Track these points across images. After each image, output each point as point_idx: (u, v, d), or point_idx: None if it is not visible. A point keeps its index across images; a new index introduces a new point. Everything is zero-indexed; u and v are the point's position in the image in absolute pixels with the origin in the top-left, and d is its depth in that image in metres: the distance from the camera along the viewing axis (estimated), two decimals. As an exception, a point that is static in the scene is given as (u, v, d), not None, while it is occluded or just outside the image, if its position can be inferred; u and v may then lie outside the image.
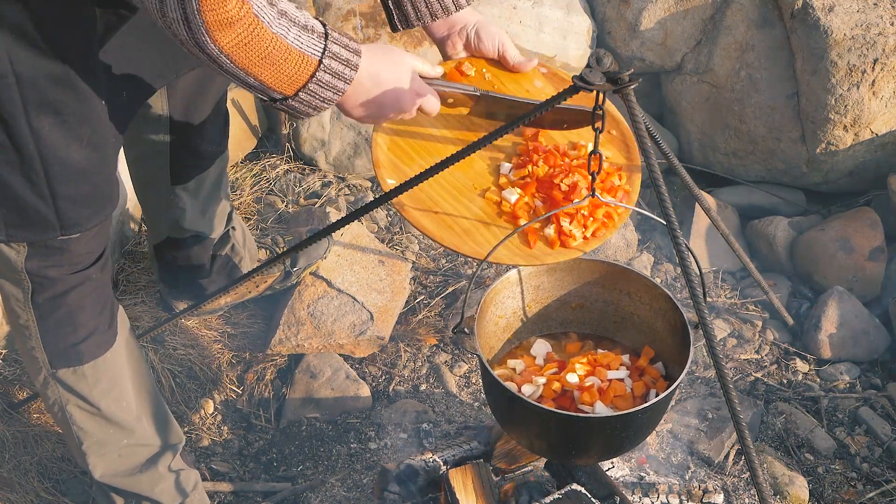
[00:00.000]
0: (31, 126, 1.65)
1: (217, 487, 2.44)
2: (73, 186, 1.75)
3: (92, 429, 2.06)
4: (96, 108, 1.73)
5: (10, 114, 1.62)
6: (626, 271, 2.25)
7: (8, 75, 1.59)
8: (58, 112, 1.66)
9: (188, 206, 2.45)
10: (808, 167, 3.30)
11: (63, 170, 1.72)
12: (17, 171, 1.69)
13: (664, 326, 2.19)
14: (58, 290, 1.91)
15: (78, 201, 1.77)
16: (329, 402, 2.64)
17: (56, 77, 1.63)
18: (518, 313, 2.29)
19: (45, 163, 1.69)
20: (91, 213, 1.81)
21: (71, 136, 1.70)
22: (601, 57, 1.76)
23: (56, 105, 1.66)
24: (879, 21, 3.06)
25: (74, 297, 1.93)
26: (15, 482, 2.36)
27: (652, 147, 1.79)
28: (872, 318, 2.95)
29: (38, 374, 2.02)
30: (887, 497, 2.53)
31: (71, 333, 1.97)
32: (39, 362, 1.99)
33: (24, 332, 1.97)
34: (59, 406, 2.04)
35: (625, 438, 1.99)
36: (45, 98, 1.64)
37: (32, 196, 1.72)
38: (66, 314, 1.95)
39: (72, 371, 1.99)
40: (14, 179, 1.69)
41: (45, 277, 1.88)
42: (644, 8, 3.43)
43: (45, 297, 1.91)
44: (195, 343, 2.72)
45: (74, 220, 1.79)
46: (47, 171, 1.70)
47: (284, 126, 3.26)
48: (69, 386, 2.01)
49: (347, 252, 2.87)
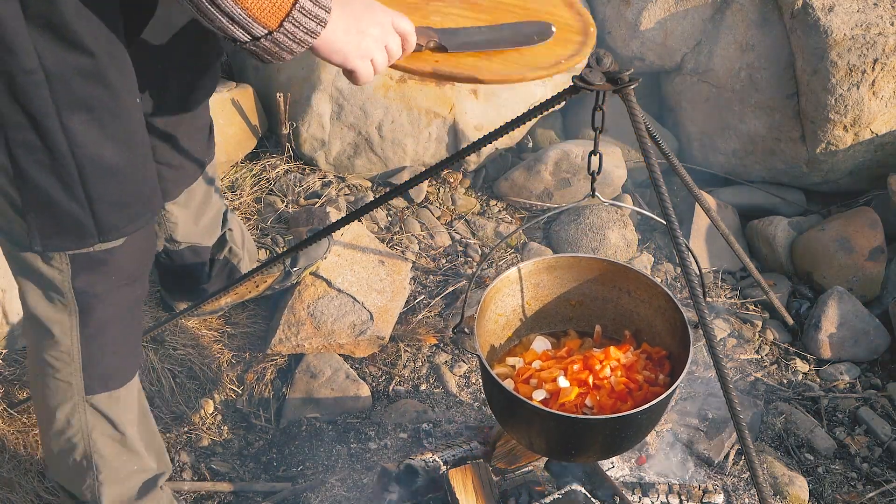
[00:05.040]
0: (63, 124, 1.57)
1: (217, 487, 2.44)
2: (109, 188, 1.67)
3: (112, 456, 2.00)
4: (128, 104, 1.66)
5: (41, 112, 1.55)
6: (625, 269, 2.25)
7: (37, 71, 1.52)
8: (90, 109, 1.59)
9: (180, 219, 2.40)
10: (808, 167, 3.30)
11: (98, 170, 1.64)
12: (49, 173, 1.61)
13: (663, 325, 2.19)
14: (107, 310, 1.83)
15: (115, 204, 1.69)
16: (329, 402, 2.64)
17: (86, 71, 1.56)
18: (518, 311, 2.29)
19: (79, 163, 1.61)
20: (129, 217, 1.73)
21: (104, 134, 1.62)
22: (601, 57, 1.76)
23: (88, 101, 1.58)
24: (879, 21, 3.06)
25: (120, 316, 1.86)
26: (15, 482, 2.36)
27: (652, 147, 1.79)
28: (872, 318, 2.95)
29: (66, 403, 1.91)
30: (887, 497, 2.53)
31: (112, 355, 1.90)
32: (72, 389, 1.89)
33: (60, 362, 1.86)
34: (82, 435, 1.95)
35: (624, 438, 1.99)
36: (77, 94, 1.57)
37: (67, 199, 1.64)
38: (111, 336, 1.87)
39: (108, 395, 1.92)
40: (47, 182, 1.62)
41: (94, 296, 1.80)
42: (644, 8, 3.43)
43: (92, 318, 1.82)
44: (195, 343, 2.72)
45: (112, 225, 1.70)
46: (81, 172, 1.62)
47: (284, 126, 3.26)
48: (102, 411, 1.93)
49: (347, 252, 2.87)
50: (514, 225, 3.26)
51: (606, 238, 3.13)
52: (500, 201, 3.36)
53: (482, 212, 3.33)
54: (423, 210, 3.27)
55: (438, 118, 3.30)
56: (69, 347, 1.85)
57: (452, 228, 3.23)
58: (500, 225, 3.26)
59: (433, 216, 3.26)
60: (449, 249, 3.16)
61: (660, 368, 2.16)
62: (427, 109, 3.29)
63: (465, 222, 3.27)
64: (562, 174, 3.26)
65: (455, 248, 3.16)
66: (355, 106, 3.26)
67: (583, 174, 3.26)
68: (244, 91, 3.33)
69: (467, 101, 3.32)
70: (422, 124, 3.30)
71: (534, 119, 2.04)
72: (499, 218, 3.30)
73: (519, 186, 3.32)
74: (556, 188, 3.28)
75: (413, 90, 3.28)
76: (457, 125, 3.31)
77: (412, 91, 3.28)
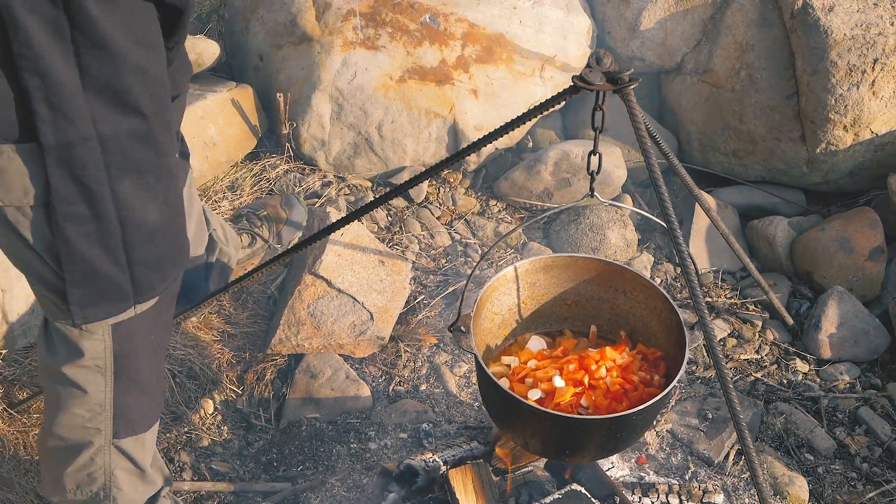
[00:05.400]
0: (112, 190, 1.57)
1: (217, 487, 2.44)
2: (147, 249, 1.67)
3: (130, 488, 1.99)
4: (171, 163, 1.67)
5: (95, 179, 1.54)
6: (621, 270, 2.25)
7: (91, 138, 1.51)
8: (139, 172, 1.59)
9: None
10: (808, 167, 3.30)
11: (139, 233, 1.64)
12: (96, 244, 1.60)
13: (659, 326, 2.19)
14: (140, 361, 1.83)
15: (151, 264, 1.69)
16: (329, 402, 2.64)
17: (139, 134, 1.56)
18: (514, 310, 2.29)
19: (124, 227, 1.61)
20: (163, 276, 1.73)
21: (148, 196, 1.63)
22: (601, 57, 1.77)
23: (138, 164, 1.59)
24: (879, 21, 3.06)
25: (149, 360, 1.87)
26: (15, 482, 2.36)
27: (652, 147, 1.79)
28: (872, 318, 2.95)
29: (89, 448, 1.89)
30: (887, 497, 2.52)
31: (141, 401, 1.89)
32: (100, 435, 1.88)
33: (91, 412, 1.85)
34: (103, 471, 1.93)
35: (619, 439, 1.99)
36: (128, 158, 1.57)
37: (109, 265, 1.63)
38: (142, 383, 1.87)
39: (134, 440, 1.92)
40: (93, 253, 1.61)
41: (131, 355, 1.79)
42: (644, 8, 3.43)
43: (127, 373, 1.82)
44: (195, 343, 2.72)
45: (148, 286, 1.71)
46: (125, 236, 1.62)
47: (284, 126, 3.26)
48: (128, 453, 1.93)
49: (347, 252, 2.87)
50: (514, 225, 3.26)
51: (606, 238, 3.13)
52: (500, 201, 3.36)
53: (482, 212, 3.33)
54: (423, 210, 3.27)
55: (438, 118, 3.30)
56: (102, 401, 1.84)
57: (452, 228, 3.23)
58: (500, 225, 3.26)
59: (433, 216, 3.26)
60: (449, 249, 3.16)
61: (655, 369, 2.16)
62: (427, 109, 3.29)
63: (465, 222, 3.27)
64: (562, 174, 3.26)
65: (455, 248, 3.16)
66: (355, 106, 3.26)
67: (583, 174, 3.26)
68: (244, 91, 3.33)
69: (467, 101, 3.32)
70: (422, 124, 3.30)
71: (534, 119, 2.05)
72: (499, 218, 3.30)
73: (519, 186, 3.32)
74: (555, 188, 3.28)
75: (413, 90, 3.28)
76: (457, 125, 3.31)
77: (412, 91, 3.28)
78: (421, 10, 3.31)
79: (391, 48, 3.27)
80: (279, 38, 3.38)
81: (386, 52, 3.26)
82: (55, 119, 1.47)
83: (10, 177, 1.52)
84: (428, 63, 3.29)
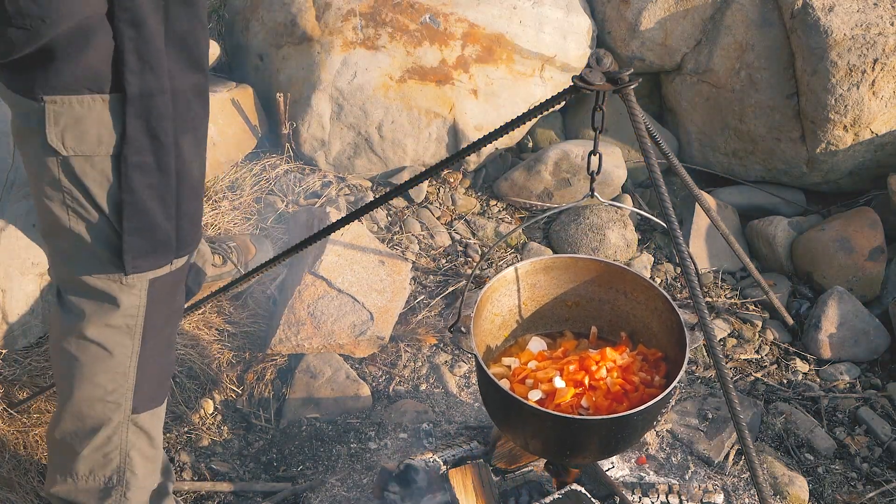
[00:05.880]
0: (176, 143, 1.63)
1: (217, 487, 2.44)
2: (192, 204, 1.73)
3: (144, 473, 1.98)
4: (207, 123, 1.74)
5: (164, 131, 1.60)
6: (622, 271, 2.25)
7: (167, 91, 1.58)
8: (195, 129, 1.67)
9: None
10: (808, 167, 3.30)
11: (188, 186, 1.70)
12: (155, 195, 1.65)
13: (660, 327, 2.19)
14: (165, 330, 1.85)
15: (192, 219, 1.75)
16: (329, 402, 2.64)
17: (198, 90, 1.64)
18: (514, 311, 2.29)
19: (180, 182, 1.67)
20: (198, 231, 1.79)
21: (197, 151, 1.70)
22: (601, 57, 1.77)
23: (194, 121, 1.66)
24: (879, 21, 3.06)
25: (170, 333, 1.89)
26: (15, 482, 2.36)
27: (652, 147, 1.79)
28: (872, 318, 2.95)
29: (107, 426, 1.88)
30: (887, 497, 2.53)
31: (159, 373, 1.90)
32: (119, 410, 1.87)
33: (114, 383, 1.84)
34: (119, 452, 1.92)
35: (620, 439, 1.99)
36: (188, 112, 1.64)
37: (163, 217, 1.68)
38: (162, 353, 1.89)
39: (150, 414, 1.92)
40: (153, 204, 1.66)
41: (160, 319, 1.81)
42: (644, 8, 3.43)
43: (153, 340, 1.83)
44: (195, 343, 2.72)
45: (188, 240, 1.76)
46: (179, 190, 1.68)
47: (284, 126, 3.26)
48: (145, 430, 1.93)
49: (347, 252, 2.87)
50: (514, 225, 3.26)
51: (606, 238, 3.13)
52: (500, 201, 3.36)
53: (482, 212, 3.33)
54: (423, 210, 3.27)
55: (438, 118, 3.30)
56: (126, 368, 1.84)
57: (452, 228, 3.23)
58: (500, 225, 3.26)
59: (433, 216, 3.26)
60: (449, 249, 3.16)
61: (655, 370, 2.16)
62: (427, 109, 3.29)
63: (465, 222, 3.27)
64: (562, 174, 3.26)
65: (455, 248, 3.16)
66: (355, 106, 3.26)
67: (583, 174, 3.26)
68: (244, 91, 3.33)
69: (467, 101, 3.32)
70: (422, 124, 3.30)
71: (534, 119, 2.05)
72: (499, 218, 3.30)
73: (519, 186, 3.32)
74: (556, 188, 3.28)
75: (413, 90, 3.28)
76: (457, 125, 3.31)
77: (412, 91, 3.28)
78: (421, 10, 3.31)
79: (391, 48, 3.27)
80: (279, 38, 3.38)
81: (386, 52, 3.26)
82: (143, 70, 1.54)
83: (86, 126, 1.57)
84: (428, 63, 3.29)
